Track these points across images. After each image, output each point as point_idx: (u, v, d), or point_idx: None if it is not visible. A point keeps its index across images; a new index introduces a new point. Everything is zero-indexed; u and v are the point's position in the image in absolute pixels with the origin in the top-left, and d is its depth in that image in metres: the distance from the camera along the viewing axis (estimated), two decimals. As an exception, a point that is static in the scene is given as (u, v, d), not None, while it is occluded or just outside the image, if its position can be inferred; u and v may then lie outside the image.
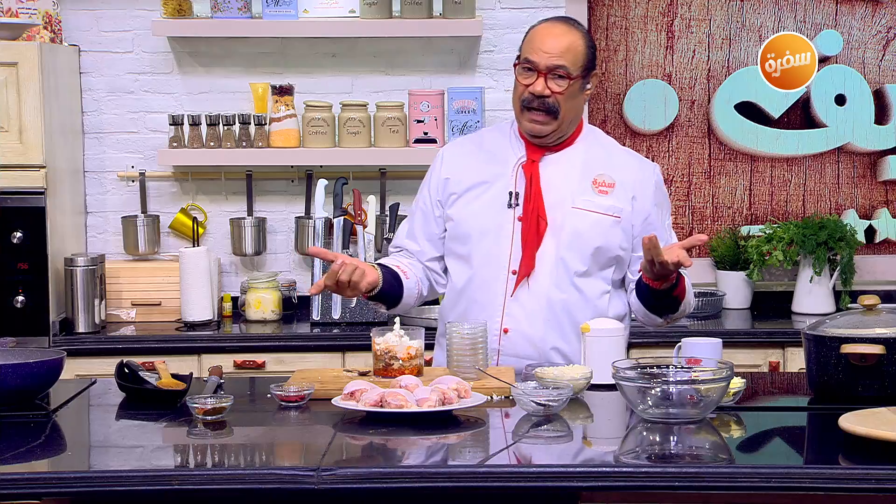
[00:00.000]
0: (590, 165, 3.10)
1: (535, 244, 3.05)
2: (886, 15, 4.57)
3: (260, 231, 4.54)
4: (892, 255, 4.62)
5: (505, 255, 3.07)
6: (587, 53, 3.05)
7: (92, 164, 4.59)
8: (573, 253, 3.06)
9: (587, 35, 3.09)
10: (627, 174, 3.12)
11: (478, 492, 2.28)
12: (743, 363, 3.94)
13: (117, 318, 4.39)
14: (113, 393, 2.90)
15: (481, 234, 3.09)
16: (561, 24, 3.08)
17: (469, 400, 2.64)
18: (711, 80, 4.59)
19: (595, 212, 3.07)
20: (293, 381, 2.87)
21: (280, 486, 2.26)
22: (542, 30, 3.06)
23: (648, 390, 2.52)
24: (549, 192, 3.07)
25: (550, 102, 3.02)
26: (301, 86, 4.51)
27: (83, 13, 4.55)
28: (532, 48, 3.03)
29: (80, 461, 2.46)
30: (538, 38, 3.04)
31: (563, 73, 3.01)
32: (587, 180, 3.09)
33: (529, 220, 3.05)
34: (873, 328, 2.69)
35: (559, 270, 3.06)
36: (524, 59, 3.04)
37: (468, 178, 3.13)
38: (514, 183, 3.09)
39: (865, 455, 2.30)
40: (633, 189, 3.10)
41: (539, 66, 3.01)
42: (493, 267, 3.07)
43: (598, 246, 3.07)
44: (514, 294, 3.05)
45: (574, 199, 3.07)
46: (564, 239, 3.06)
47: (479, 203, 3.10)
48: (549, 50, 3.01)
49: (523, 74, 3.04)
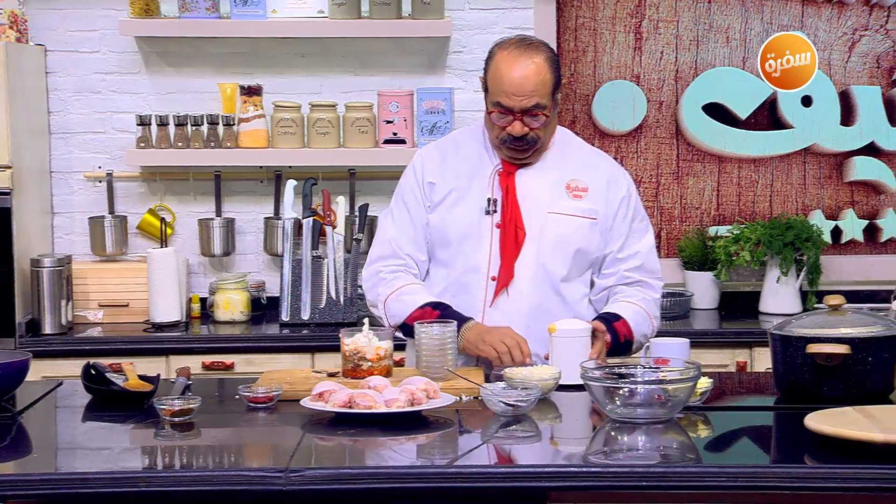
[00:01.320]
0: (563, 171, 3.12)
1: (514, 253, 3.06)
2: (852, 17, 4.60)
3: (228, 232, 4.52)
4: (857, 256, 4.66)
5: (484, 261, 3.08)
6: (554, 76, 3.02)
7: (59, 165, 4.56)
8: (555, 257, 3.08)
9: (550, 54, 3.04)
10: (599, 176, 3.14)
11: (447, 492, 2.28)
12: (711, 363, 3.96)
13: (84, 320, 4.36)
14: (80, 395, 2.88)
15: (461, 240, 3.09)
16: (525, 55, 3.00)
17: (438, 400, 2.64)
18: (679, 81, 4.61)
19: (572, 215, 3.09)
20: (261, 382, 2.86)
21: (248, 487, 2.26)
22: (507, 66, 2.98)
23: (616, 390, 2.53)
24: (526, 201, 3.08)
25: (530, 138, 3.02)
26: (270, 86, 4.50)
27: (49, 13, 4.51)
28: (503, 92, 2.98)
29: (46, 463, 2.44)
30: (507, 80, 2.97)
31: (538, 112, 3.00)
32: (561, 186, 3.10)
33: (507, 230, 3.06)
34: (839, 328, 2.71)
35: (539, 277, 3.07)
36: (496, 104, 3.00)
37: (447, 183, 3.12)
38: (491, 190, 3.10)
39: (831, 454, 2.31)
40: (605, 190, 3.12)
41: (514, 110, 2.99)
42: (472, 273, 3.08)
43: (578, 248, 3.09)
44: (494, 303, 3.06)
45: (550, 205, 3.09)
46: (545, 244, 3.07)
47: (458, 209, 3.10)
48: (522, 92, 2.97)
49: (498, 117, 3.01)
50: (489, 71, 3.04)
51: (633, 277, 3.13)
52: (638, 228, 3.17)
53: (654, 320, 3.14)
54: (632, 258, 3.14)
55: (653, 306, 3.15)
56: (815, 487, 2.25)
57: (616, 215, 3.12)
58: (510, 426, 2.57)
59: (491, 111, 3.02)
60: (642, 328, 3.09)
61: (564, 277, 3.09)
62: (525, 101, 2.98)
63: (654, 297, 3.16)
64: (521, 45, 3.03)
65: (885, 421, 2.41)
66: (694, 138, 4.64)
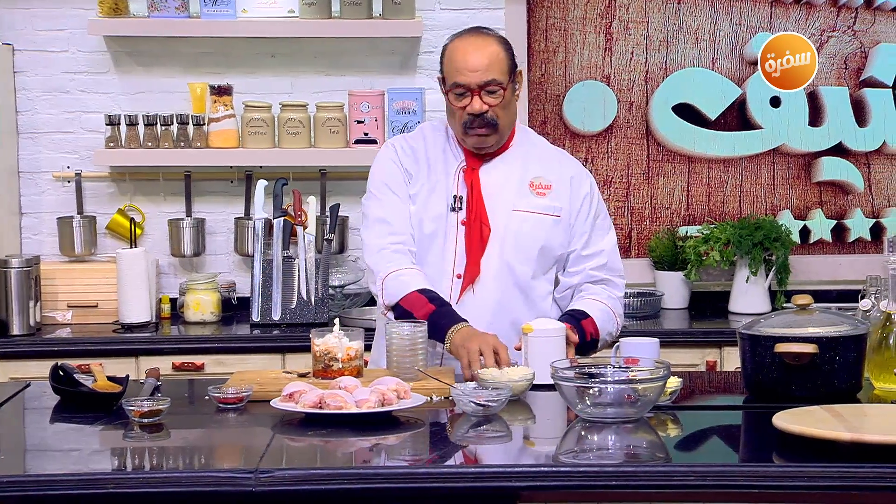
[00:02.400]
0: (527, 168, 3.14)
1: (480, 251, 3.07)
2: (820, 18, 4.63)
3: (199, 232, 4.50)
4: (825, 256, 4.69)
5: (450, 258, 3.09)
6: (508, 57, 3.07)
7: (27, 165, 4.53)
8: (518, 256, 3.09)
9: (502, 38, 3.10)
10: (563, 173, 3.16)
11: (417, 493, 2.28)
12: (680, 363, 3.97)
13: (53, 320, 4.33)
14: (48, 396, 2.86)
15: (428, 236, 3.10)
16: (476, 36, 3.07)
17: (408, 401, 2.64)
18: (649, 81, 4.63)
19: (535, 212, 3.11)
20: (231, 382, 2.85)
21: (217, 488, 2.25)
22: (460, 48, 3.05)
23: (587, 390, 2.54)
24: (490, 198, 3.09)
25: (490, 117, 3.04)
26: (240, 86, 4.49)
27: (17, 12, 4.48)
28: (457, 70, 3.02)
29: (14, 465, 2.42)
30: (460, 59, 3.03)
31: (494, 87, 3.02)
32: (525, 183, 3.12)
33: (472, 227, 3.08)
34: (806, 328, 2.73)
35: (504, 274, 3.08)
36: (453, 84, 3.03)
37: (419, 177, 3.13)
38: (456, 187, 3.11)
39: (799, 453, 2.33)
40: (569, 187, 3.14)
41: (470, 86, 3.01)
42: (437, 270, 3.08)
43: (541, 246, 3.10)
44: (460, 300, 3.07)
45: (514, 202, 3.10)
46: (509, 242, 3.08)
47: (425, 205, 3.11)
48: (476, 67, 3.01)
49: (457, 98, 3.04)
50: (444, 60, 3.08)
51: (597, 276, 3.15)
52: (601, 226, 3.18)
53: (619, 319, 3.17)
54: (597, 256, 3.15)
55: (618, 305, 3.17)
56: (783, 486, 2.26)
57: (579, 212, 3.14)
58: (481, 426, 2.57)
59: (448, 91, 3.05)
60: (608, 326, 3.11)
61: (529, 275, 3.10)
62: (480, 77, 3.00)
63: (618, 296, 3.18)
64: (473, 32, 3.11)
65: (852, 420, 2.43)
66: (664, 139, 4.66)
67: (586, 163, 4.63)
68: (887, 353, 2.80)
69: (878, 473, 2.24)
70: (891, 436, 2.28)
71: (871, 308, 3.12)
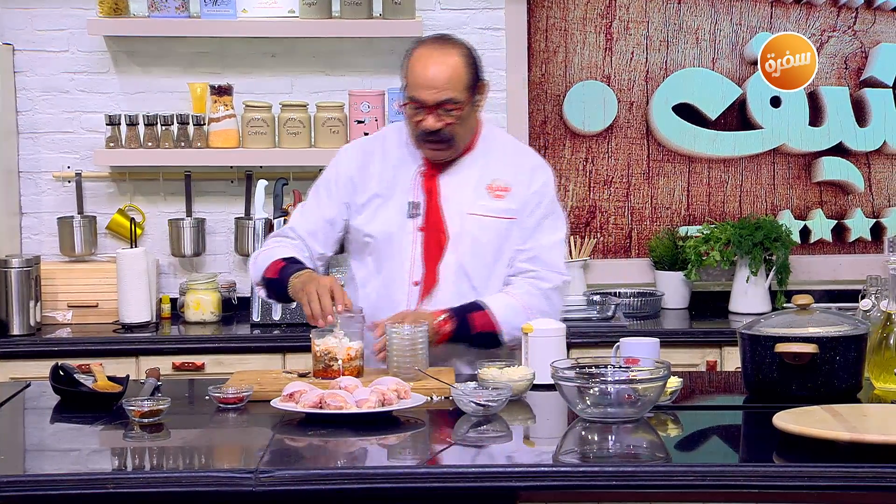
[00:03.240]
0: (486, 171, 3.11)
1: (437, 258, 3.06)
2: (820, 18, 4.63)
3: (199, 232, 4.50)
4: (826, 256, 4.69)
5: (407, 265, 3.08)
6: (470, 72, 3.02)
7: (27, 165, 4.53)
8: (473, 260, 3.08)
9: (467, 50, 3.05)
10: (521, 172, 3.12)
11: (417, 492, 2.28)
12: (680, 363, 3.97)
13: (53, 320, 4.33)
14: (48, 396, 2.86)
15: (384, 243, 3.09)
16: (438, 49, 3.02)
17: (409, 401, 2.64)
18: (650, 81, 4.63)
19: (490, 216, 3.08)
20: (232, 382, 2.85)
21: (217, 488, 2.25)
22: (421, 60, 3.01)
23: (587, 390, 2.54)
24: (448, 203, 3.08)
25: (444, 133, 3.02)
26: (240, 86, 4.49)
27: (17, 12, 4.48)
28: (416, 84, 3.00)
29: (14, 465, 2.43)
30: (419, 72, 2.99)
31: (451, 106, 2.99)
32: (483, 186, 3.10)
33: (430, 234, 3.06)
34: (807, 328, 2.73)
35: (461, 279, 3.08)
36: (410, 98, 3.01)
37: (371, 185, 3.11)
38: (413, 193, 3.09)
39: (799, 453, 2.33)
40: (526, 186, 3.11)
41: (426, 103, 2.99)
42: (395, 277, 3.07)
43: (495, 249, 3.09)
44: (418, 307, 3.05)
45: (470, 205, 3.08)
46: (464, 246, 3.07)
47: (382, 212, 3.10)
48: (433, 84, 2.97)
49: (412, 112, 3.02)
50: (405, 68, 3.05)
51: (525, 268, 3.09)
52: (548, 226, 3.13)
53: (535, 313, 3.04)
54: (531, 249, 3.10)
55: (536, 300, 3.07)
56: (782, 486, 2.26)
57: (525, 206, 3.10)
58: (481, 426, 2.57)
59: (405, 104, 3.03)
60: (515, 320, 3.01)
61: (485, 277, 3.08)
62: (437, 95, 2.98)
63: (543, 288, 3.08)
64: (437, 42, 3.06)
65: (851, 420, 2.43)
66: (664, 139, 4.66)
67: (587, 162, 4.63)
68: (887, 353, 2.80)
69: (877, 473, 2.24)
70: (890, 436, 2.28)
71: (871, 308, 3.12)
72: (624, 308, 4.40)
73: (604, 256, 4.65)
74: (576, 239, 4.60)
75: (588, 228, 4.65)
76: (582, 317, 4.27)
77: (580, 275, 4.51)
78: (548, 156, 4.62)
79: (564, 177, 4.63)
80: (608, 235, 4.66)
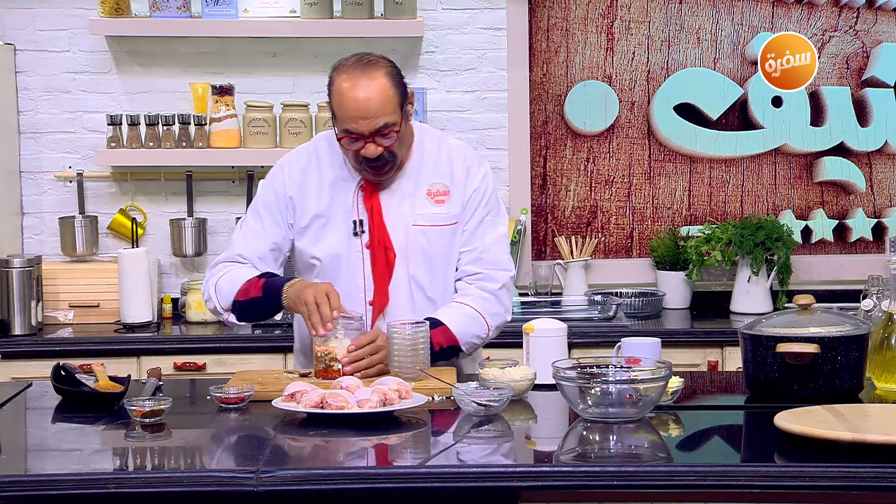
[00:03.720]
0: (422, 177, 3.05)
1: (387, 276, 3.01)
2: (821, 18, 4.63)
3: (200, 232, 4.50)
4: (827, 256, 4.69)
5: (359, 284, 3.02)
6: (398, 89, 2.93)
7: (28, 165, 4.53)
8: (424, 271, 3.03)
9: (390, 68, 2.95)
10: (457, 173, 3.06)
11: (418, 492, 2.28)
12: (682, 362, 3.97)
13: (54, 320, 4.33)
14: (49, 396, 2.86)
15: (334, 266, 3.03)
16: (362, 74, 2.90)
17: (410, 401, 2.64)
18: (651, 81, 4.63)
19: (434, 225, 3.03)
20: (233, 382, 2.85)
21: (219, 488, 2.25)
22: (346, 91, 2.88)
23: (588, 390, 2.54)
24: (391, 217, 3.01)
25: (386, 156, 2.94)
26: (241, 86, 4.49)
27: (19, 12, 4.49)
28: (347, 117, 2.89)
29: (15, 465, 2.43)
30: (349, 104, 2.88)
31: (387, 130, 2.91)
32: (422, 193, 3.04)
33: (377, 251, 3.00)
34: (808, 328, 2.73)
35: (414, 291, 3.04)
36: (343, 130, 2.91)
37: (310, 206, 3.04)
38: (355, 211, 3.02)
39: (800, 453, 2.33)
40: (463, 187, 3.05)
41: (363, 133, 2.90)
42: (350, 299, 2.98)
43: (445, 257, 3.05)
44: (375, 326, 3.00)
45: (414, 216, 3.02)
46: (414, 259, 3.02)
47: (326, 233, 3.03)
48: (366, 115, 2.88)
49: (349, 142, 2.92)
50: (332, 99, 2.92)
51: (471, 270, 3.06)
52: (488, 222, 3.08)
53: (488, 318, 3.02)
54: (475, 250, 3.06)
55: (489, 304, 3.04)
56: (784, 486, 2.26)
57: (466, 207, 3.05)
58: (482, 426, 2.57)
59: (341, 137, 2.94)
60: (472, 330, 3.01)
61: (439, 287, 3.05)
62: (372, 123, 2.89)
63: (492, 290, 3.05)
64: (359, 67, 2.92)
65: (853, 420, 2.43)
66: (665, 139, 4.66)
67: (588, 162, 4.63)
68: (889, 353, 2.80)
69: (879, 473, 2.24)
70: (892, 436, 2.28)
71: (872, 308, 3.12)
72: (625, 308, 4.40)
73: (605, 256, 4.65)
74: (577, 239, 4.60)
75: (589, 228, 4.65)
76: (583, 317, 4.27)
77: (581, 275, 4.52)
78: (549, 156, 4.62)
79: (566, 177, 4.63)
80: (609, 235, 4.66)
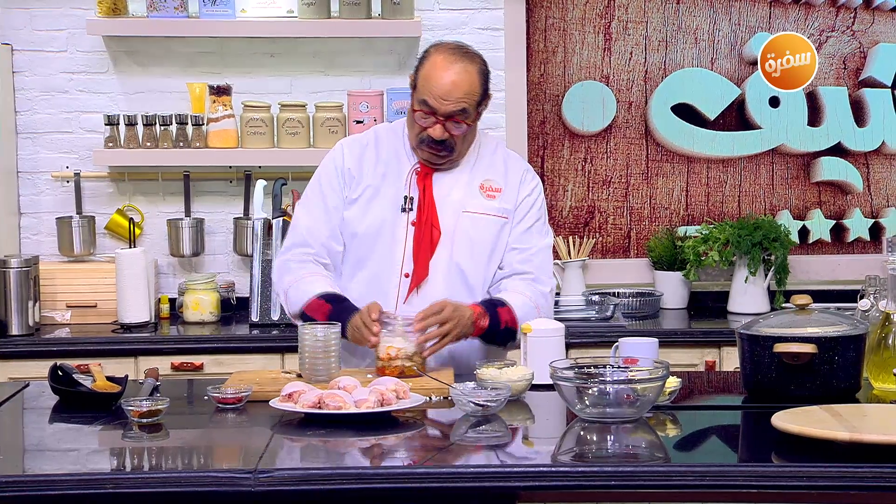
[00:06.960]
0: (477, 171, 3.14)
1: (429, 252, 3.08)
2: (819, 18, 4.64)
3: (198, 232, 4.50)
4: (824, 256, 4.69)
5: (398, 258, 3.09)
6: (483, 85, 3.05)
7: (25, 165, 4.53)
8: (468, 256, 3.10)
9: (484, 67, 3.07)
10: (512, 177, 3.16)
11: (416, 493, 2.28)
12: (679, 362, 3.97)
13: (52, 321, 4.33)
14: (47, 396, 2.86)
15: (376, 235, 3.10)
16: (460, 59, 3.02)
17: (407, 401, 2.64)
18: (648, 81, 4.63)
19: (485, 214, 3.12)
20: (230, 382, 2.85)
21: (216, 488, 2.25)
22: (439, 68, 3.00)
23: (586, 390, 2.54)
24: (442, 200, 3.10)
25: (449, 143, 3.04)
26: (239, 86, 4.49)
27: (16, 11, 4.48)
28: (430, 91, 2.99)
29: (13, 465, 2.42)
30: (436, 81, 2.99)
31: (460, 118, 3.01)
32: (475, 185, 3.12)
33: (423, 229, 3.07)
34: (805, 328, 2.73)
35: (453, 274, 3.09)
36: (422, 101, 3.00)
37: (365, 178, 3.13)
38: (408, 188, 3.11)
39: (798, 453, 2.33)
40: (517, 190, 3.15)
41: (438, 112, 2.99)
42: (386, 269, 3.08)
43: (490, 247, 3.11)
44: (408, 300, 3.07)
45: (465, 204, 3.11)
46: (459, 243, 3.09)
47: (374, 205, 3.11)
48: (450, 95, 2.98)
49: (421, 116, 3.01)
50: (421, 70, 3.04)
51: (523, 269, 3.12)
52: (538, 230, 3.17)
53: (542, 314, 3.10)
54: (527, 251, 3.14)
55: (542, 300, 3.12)
56: (781, 486, 2.26)
57: (518, 209, 3.14)
58: (480, 426, 2.57)
59: (416, 110, 3.03)
60: (530, 318, 3.04)
61: (478, 275, 3.11)
62: (451, 106, 2.99)
63: (543, 292, 3.13)
64: (458, 51, 3.05)
65: (850, 420, 2.44)
66: (663, 139, 4.66)
67: (585, 163, 4.63)
68: (886, 353, 2.80)
69: (876, 473, 2.25)
70: (889, 436, 2.28)
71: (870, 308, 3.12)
72: (623, 308, 4.41)
73: (602, 256, 4.65)
74: (574, 239, 4.60)
75: (587, 228, 4.65)
76: (581, 317, 4.27)
77: (579, 275, 4.52)
78: (546, 156, 4.62)
79: (563, 177, 4.64)
80: (607, 235, 4.66)
